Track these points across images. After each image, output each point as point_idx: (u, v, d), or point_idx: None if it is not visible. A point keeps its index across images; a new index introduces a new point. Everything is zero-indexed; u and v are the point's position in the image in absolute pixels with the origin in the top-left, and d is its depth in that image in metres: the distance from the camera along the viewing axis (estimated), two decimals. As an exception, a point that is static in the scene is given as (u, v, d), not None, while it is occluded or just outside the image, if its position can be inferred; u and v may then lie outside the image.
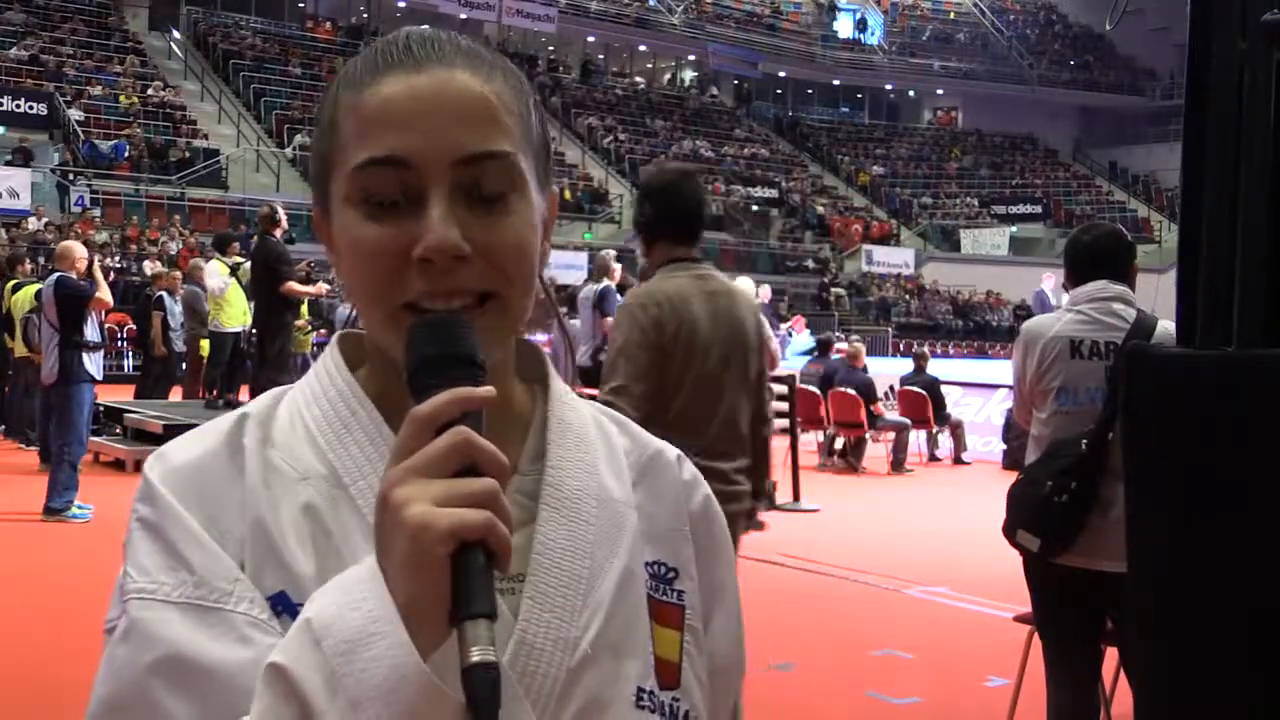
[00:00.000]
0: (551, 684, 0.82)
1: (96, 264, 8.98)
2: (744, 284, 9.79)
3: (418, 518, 0.68)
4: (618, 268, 9.64)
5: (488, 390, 0.73)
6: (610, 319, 8.84)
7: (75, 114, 26.56)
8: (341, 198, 0.84)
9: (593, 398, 1.00)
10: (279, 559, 0.82)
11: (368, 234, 0.81)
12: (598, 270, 9.52)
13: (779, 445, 10.76)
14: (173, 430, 10.62)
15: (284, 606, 0.81)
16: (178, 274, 14.71)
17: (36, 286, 11.02)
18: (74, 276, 8.33)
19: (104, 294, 8.47)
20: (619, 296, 9.22)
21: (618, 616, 0.86)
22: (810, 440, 13.23)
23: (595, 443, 0.93)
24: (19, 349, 11.43)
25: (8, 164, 24.06)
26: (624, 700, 0.85)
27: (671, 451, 0.99)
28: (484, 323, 0.81)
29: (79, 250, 8.69)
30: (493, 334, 0.83)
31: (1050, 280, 20.15)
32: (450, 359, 0.75)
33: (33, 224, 22.05)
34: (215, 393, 12.20)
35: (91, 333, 8.31)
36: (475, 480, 0.70)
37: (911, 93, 46.60)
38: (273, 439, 0.87)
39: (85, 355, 8.23)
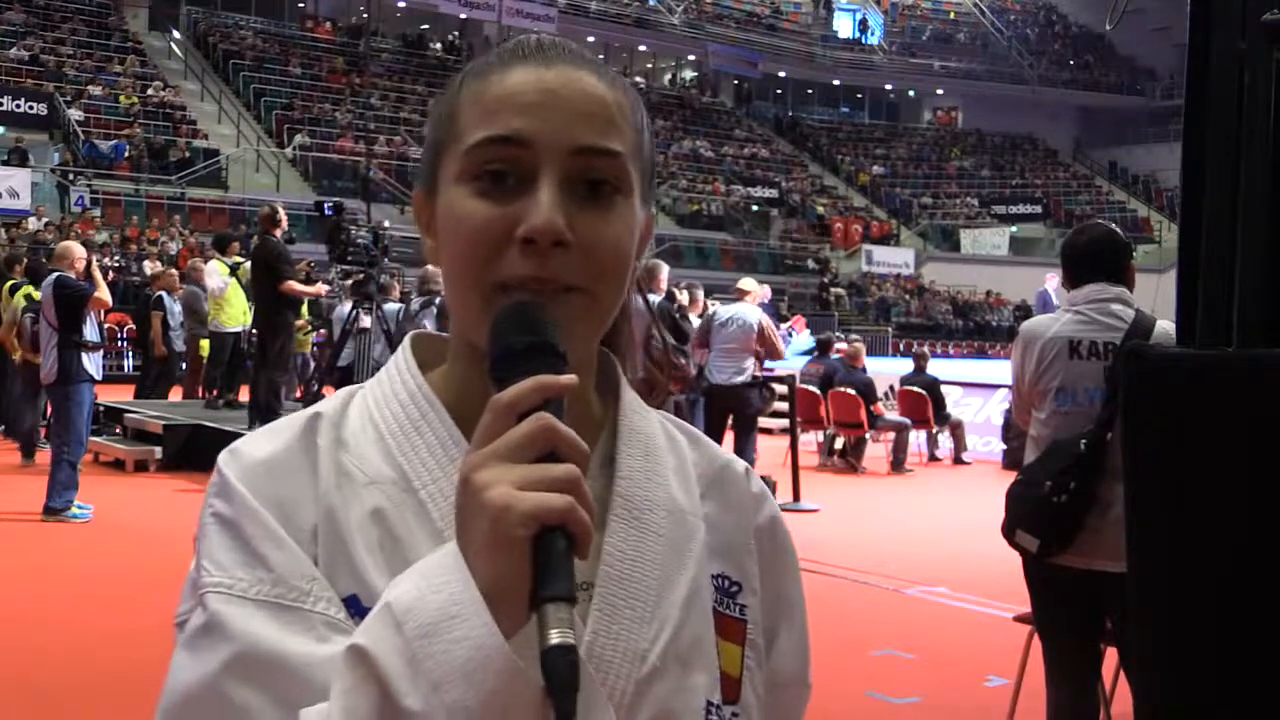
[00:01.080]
0: (620, 695, 0.81)
1: (95, 264, 8.97)
2: (747, 285, 9.82)
3: (500, 500, 0.69)
4: (665, 277, 9.62)
5: (570, 378, 0.73)
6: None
7: (75, 114, 26.56)
8: (453, 175, 0.85)
9: None
10: (350, 562, 0.82)
11: (474, 209, 0.82)
12: (645, 278, 9.52)
13: (779, 445, 10.78)
14: (172, 430, 10.62)
15: (355, 610, 0.80)
16: (174, 273, 14.72)
17: (28, 289, 11.03)
18: (73, 276, 8.33)
19: (103, 293, 8.46)
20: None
21: (686, 628, 0.85)
22: (810, 440, 13.23)
23: (664, 453, 0.92)
24: (19, 350, 11.43)
25: (6, 164, 24.05)
26: (694, 713, 0.84)
27: (740, 464, 0.99)
28: (568, 313, 0.81)
29: (78, 250, 8.68)
30: (576, 327, 0.82)
31: (1053, 281, 20.08)
32: (533, 347, 0.76)
33: (33, 224, 22.05)
34: (215, 393, 12.20)
35: (91, 332, 8.31)
36: (556, 465, 0.70)
37: (911, 93, 46.60)
38: (344, 441, 0.87)
39: (84, 355, 8.23)
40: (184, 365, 14.26)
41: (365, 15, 35.49)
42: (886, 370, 15.78)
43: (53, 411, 8.63)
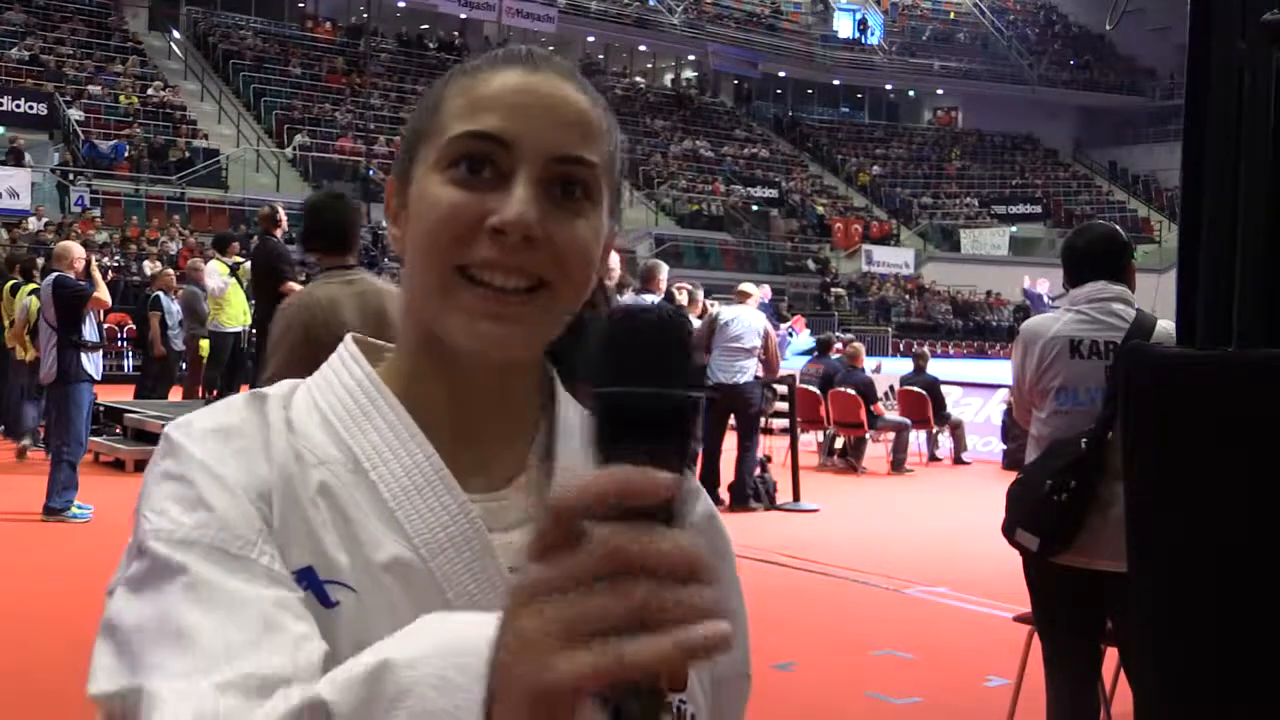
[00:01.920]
0: None
1: (94, 264, 8.97)
2: (748, 288, 9.83)
3: (540, 655, 0.52)
4: (616, 268, 9.63)
5: (669, 479, 0.53)
6: None
7: (75, 114, 26.56)
8: (429, 163, 0.86)
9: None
10: (309, 531, 0.81)
11: (447, 195, 0.84)
12: (646, 275, 9.56)
13: (780, 445, 10.78)
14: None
15: (309, 582, 0.79)
16: (171, 274, 14.72)
17: (30, 288, 11.06)
18: (72, 276, 8.32)
19: (102, 294, 8.46)
20: (618, 296, 9.24)
21: None
22: (810, 440, 13.23)
23: None
24: (30, 350, 11.44)
25: (6, 164, 24.05)
26: None
27: None
28: (532, 310, 0.83)
29: (76, 250, 8.68)
30: (536, 325, 0.84)
31: (1044, 284, 20.25)
32: (661, 411, 0.55)
33: (33, 224, 22.05)
34: (215, 393, 12.19)
35: (90, 332, 8.31)
36: (624, 593, 0.51)
37: (911, 93, 46.60)
38: (291, 422, 0.87)
39: (84, 355, 8.23)
40: (184, 365, 14.26)
41: (365, 15, 35.48)
42: (886, 370, 15.77)
43: (52, 411, 8.62)
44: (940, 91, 46.07)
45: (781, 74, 43.78)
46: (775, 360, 9.64)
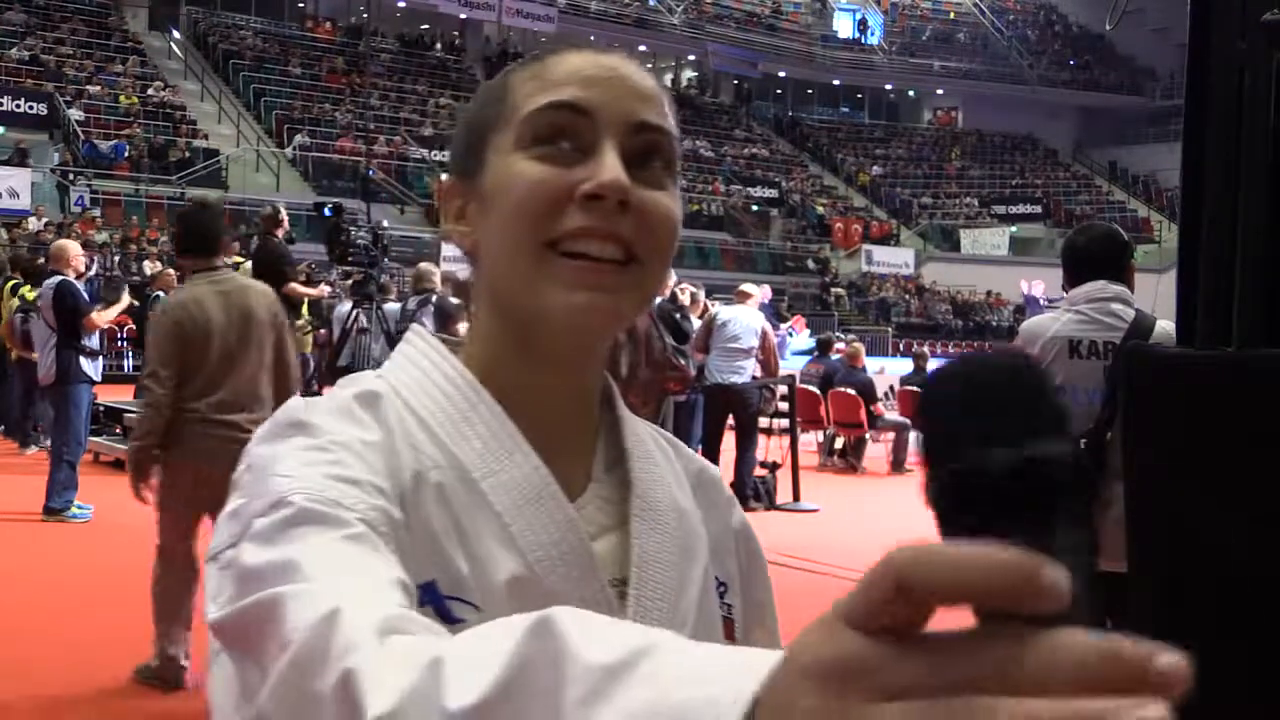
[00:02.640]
0: None
1: (122, 306, 8.99)
2: (749, 288, 9.83)
3: None
4: (672, 282, 9.63)
5: (1057, 580, 0.37)
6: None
7: (75, 114, 26.56)
8: (508, 144, 0.84)
9: None
10: (433, 541, 0.78)
11: (531, 170, 0.82)
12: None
13: (779, 445, 10.78)
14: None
15: (431, 597, 0.75)
16: (171, 274, 14.71)
17: (24, 289, 11.07)
18: (73, 279, 8.33)
19: (101, 316, 8.43)
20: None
21: (700, 626, 0.87)
22: (810, 440, 13.23)
23: (658, 456, 0.93)
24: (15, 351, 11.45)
25: (6, 164, 24.05)
26: None
27: (713, 469, 1.01)
28: (626, 282, 0.81)
29: (73, 249, 8.67)
30: (629, 299, 0.82)
31: (1039, 285, 20.46)
32: (1055, 478, 0.41)
33: (33, 224, 22.05)
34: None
35: (89, 339, 8.35)
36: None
37: (911, 93, 46.60)
38: (390, 424, 0.82)
39: (83, 356, 8.25)
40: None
41: (365, 15, 35.48)
42: (886, 370, 15.77)
43: (51, 412, 8.62)
44: (940, 91, 46.07)
45: (781, 74, 43.78)
46: (774, 359, 9.64)
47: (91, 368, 8.39)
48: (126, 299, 10.20)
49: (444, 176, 0.94)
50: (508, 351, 0.86)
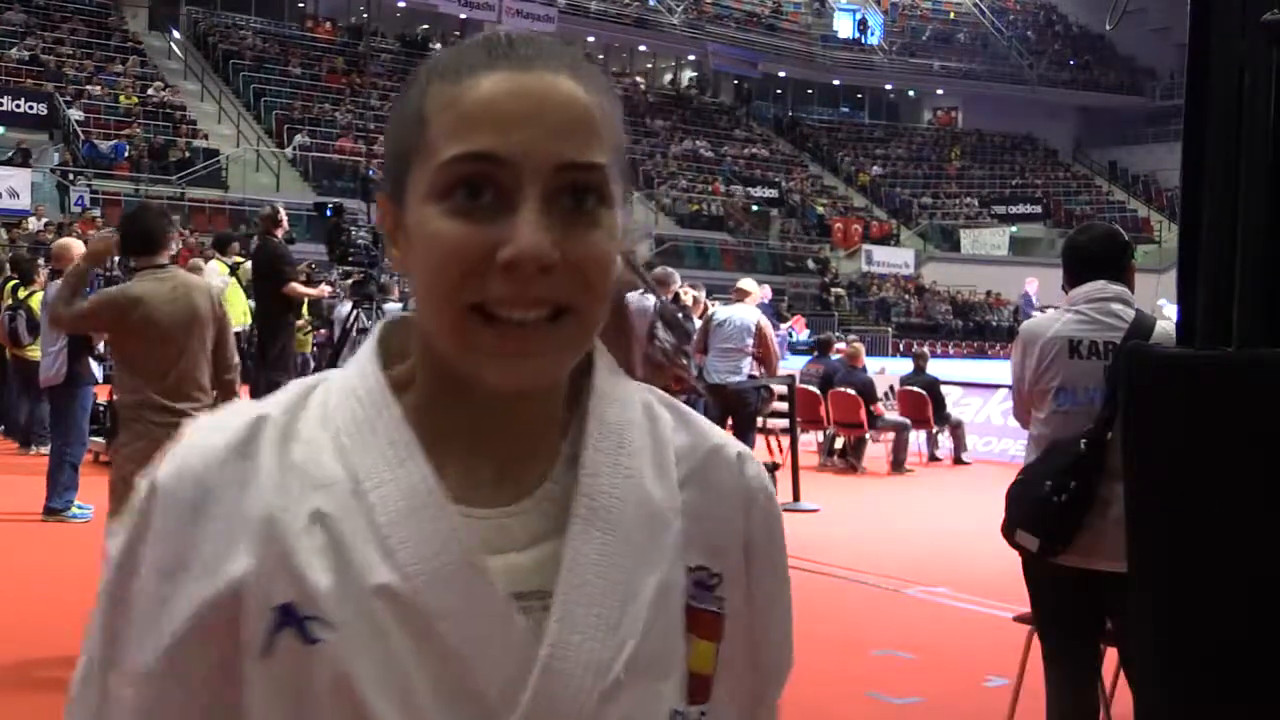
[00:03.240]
0: (580, 709, 0.78)
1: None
2: (747, 285, 9.83)
3: None
4: (676, 284, 9.62)
5: None
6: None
7: (75, 114, 26.56)
8: (423, 191, 0.79)
9: None
10: (291, 567, 0.79)
11: (450, 230, 0.77)
12: (657, 284, 9.53)
13: (779, 445, 10.77)
14: (173, 430, 10.61)
15: (289, 619, 0.78)
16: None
17: (23, 290, 11.10)
18: None
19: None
20: (628, 296, 9.20)
21: (654, 634, 0.82)
22: (810, 440, 13.22)
23: (638, 441, 0.87)
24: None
25: (8, 164, 24.05)
26: None
27: (734, 448, 0.92)
28: (559, 339, 0.78)
29: (76, 248, 8.66)
30: (567, 351, 0.80)
31: (1034, 284, 20.80)
32: None
33: (33, 224, 22.05)
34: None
35: (99, 341, 8.39)
36: None
37: (911, 93, 46.59)
38: (298, 434, 0.83)
39: (90, 358, 8.29)
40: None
41: (365, 15, 35.48)
42: (886, 370, 15.78)
43: (54, 412, 8.62)
44: (940, 91, 46.06)
45: (781, 74, 43.77)
46: (771, 354, 9.59)
47: (97, 369, 8.43)
48: None
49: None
50: (444, 383, 0.83)
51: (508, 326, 0.77)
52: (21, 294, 10.38)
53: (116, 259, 8.01)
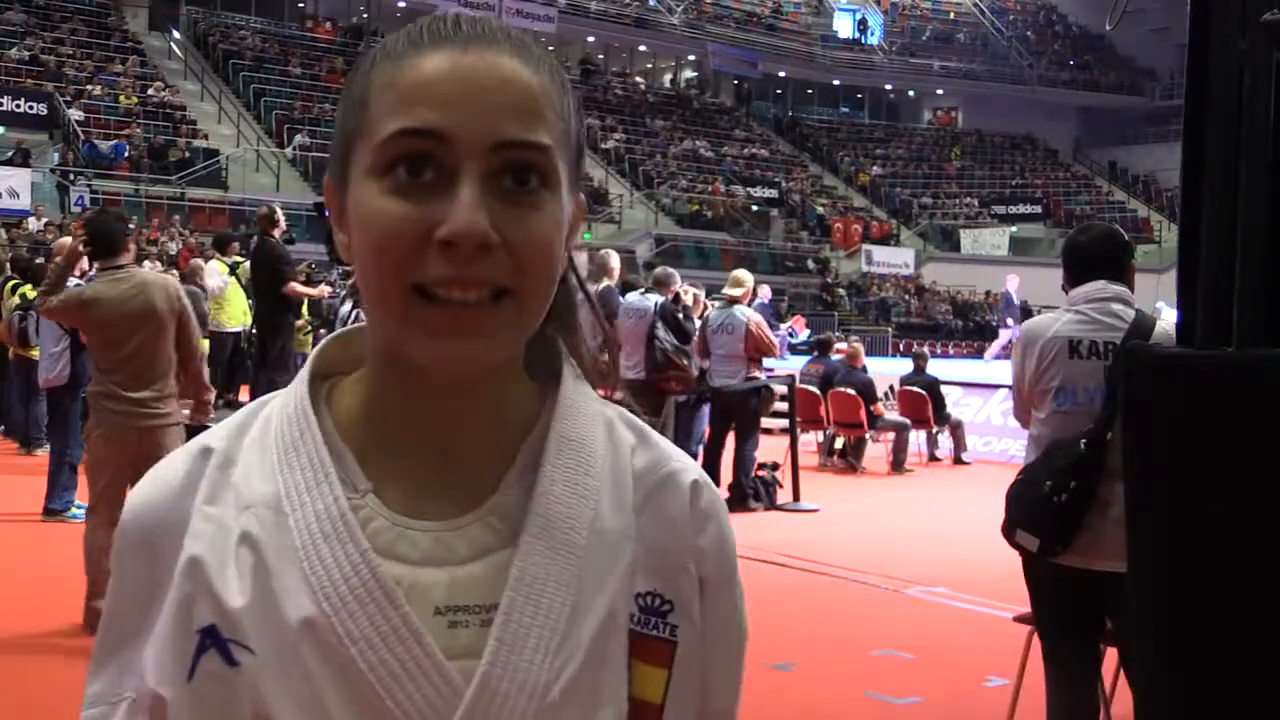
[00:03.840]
0: None
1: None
2: (740, 278, 9.83)
3: None
4: (617, 267, 9.63)
5: None
6: (617, 319, 8.86)
7: (75, 114, 26.56)
8: (364, 169, 0.79)
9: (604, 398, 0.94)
10: (212, 591, 0.80)
11: (388, 209, 0.76)
12: (597, 270, 9.52)
13: (779, 445, 10.78)
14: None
15: (213, 641, 0.79)
16: (175, 274, 14.71)
17: (25, 288, 11.10)
18: (79, 280, 8.33)
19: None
20: (621, 296, 9.22)
21: (597, 659, 0.80)
22: (810, 440, 13.22)
23: (599, 460, 0.85)
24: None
25: (9, 164, 24.05)
26: None
27: (690, 474, 0.89)
28: (497, 320, 0.77)
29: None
30: (503, 334, 0.78)
31: (1014, 280, 21.53)
32: None
33: (33, 224, 22.05)
34: (215, 392, 12.18)
35: None
36: None
37: (911, 93, 46.59)
38: (239, 454, 0.85)
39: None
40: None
41: (365, 15, 35.47)
42: (886, 370, 15.78)
43: (54, 412, 8.62)
44: (940, 91, 46.06)
45: (781, 74, 43.77)
46: (763, 345, 9.54)
47: None
48: None
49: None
50: (390, 370, 0.83)
51: (446, 305, 0.76)
52: (31, 294, 10.39)
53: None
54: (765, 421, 10.41)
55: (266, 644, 0.78)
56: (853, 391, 12.45)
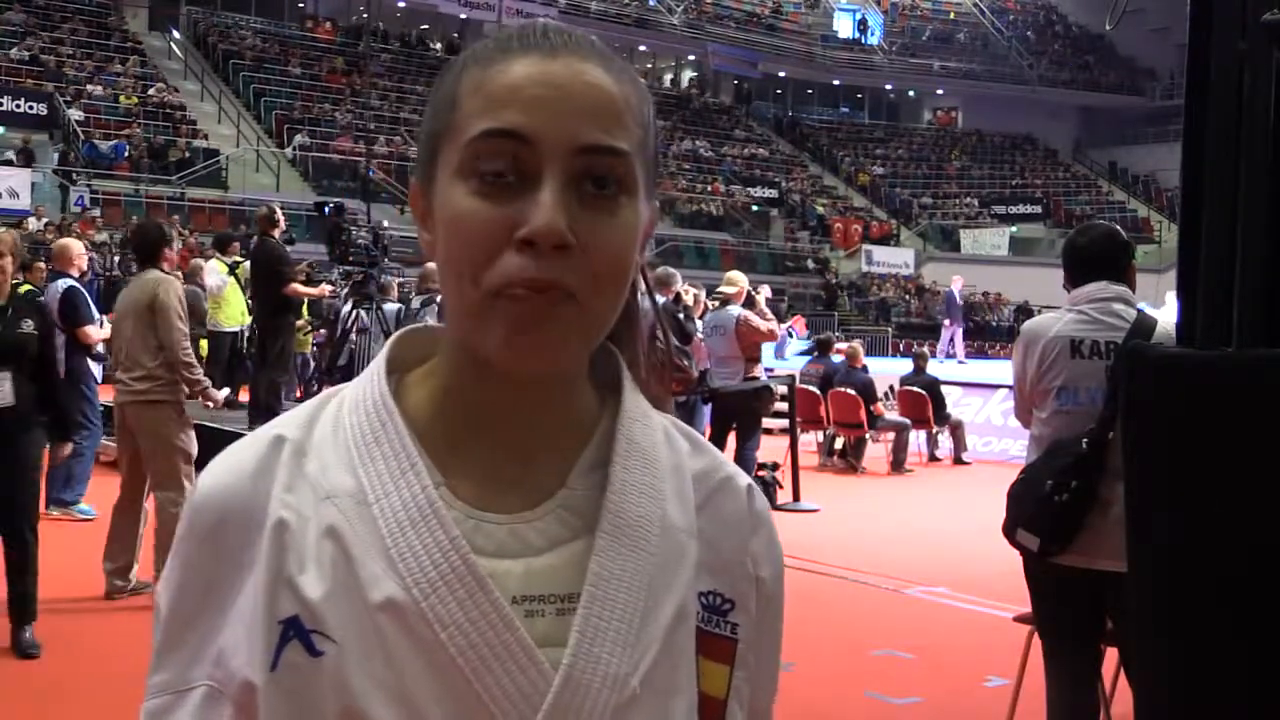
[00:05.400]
0: None
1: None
2: (734, 279, 9.84)
3: None
4: (678, 286, 9.62)
5: None
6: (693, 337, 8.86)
7: (75, 114, 26.55)
8: (452, 170, 0.81)
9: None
10: (293, 582, 0.81)
11: (473, 208, 0.79)
12: (657, 284, 9.54)
13: (779, 445, 10.77)
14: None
15: (296, 632, 0.80)
16: (178, 273, 14.70)
17: (24, 287, 11.08)
18: (75, 275, 8.35)
19: (95, 333, 8.20)
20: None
21: (669, 654, 0.83)
22: (810, 440, 13.22)
23: (664, 464, 0.89)
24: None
25: (8, 164, 24.04)
26: None
27: (743, 479, 0.94)
28: (562, 325, 0.79)
29: (76, 248, 8.67)
30: (568, 339, 0.80)
31: (959, 282, 22.67)
32: None
33: (33, 224, 22.04)
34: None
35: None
36: None
37: (911, 93, 46.59)
38: (311, 448, 0.86)
39: (90, 359, 8.32)
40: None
41: (365, 15, 35.47)
42: (886, 370, 15.78)
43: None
44: (940, 91, 46.06)
45: (781, 74, 43.77)
46: (755, 338, 9.54)
47: (97, 368, 8.46)
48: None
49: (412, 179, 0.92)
50: (467, 366, 0.85)
51: (521, 301, 0.78)
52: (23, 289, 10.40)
53: (117, 260, 9.04)
54: (765, 421, 10.40)
55: (350, 633, 0.79)
56: (853, 391, 12.45)
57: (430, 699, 0.78)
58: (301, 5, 37.69)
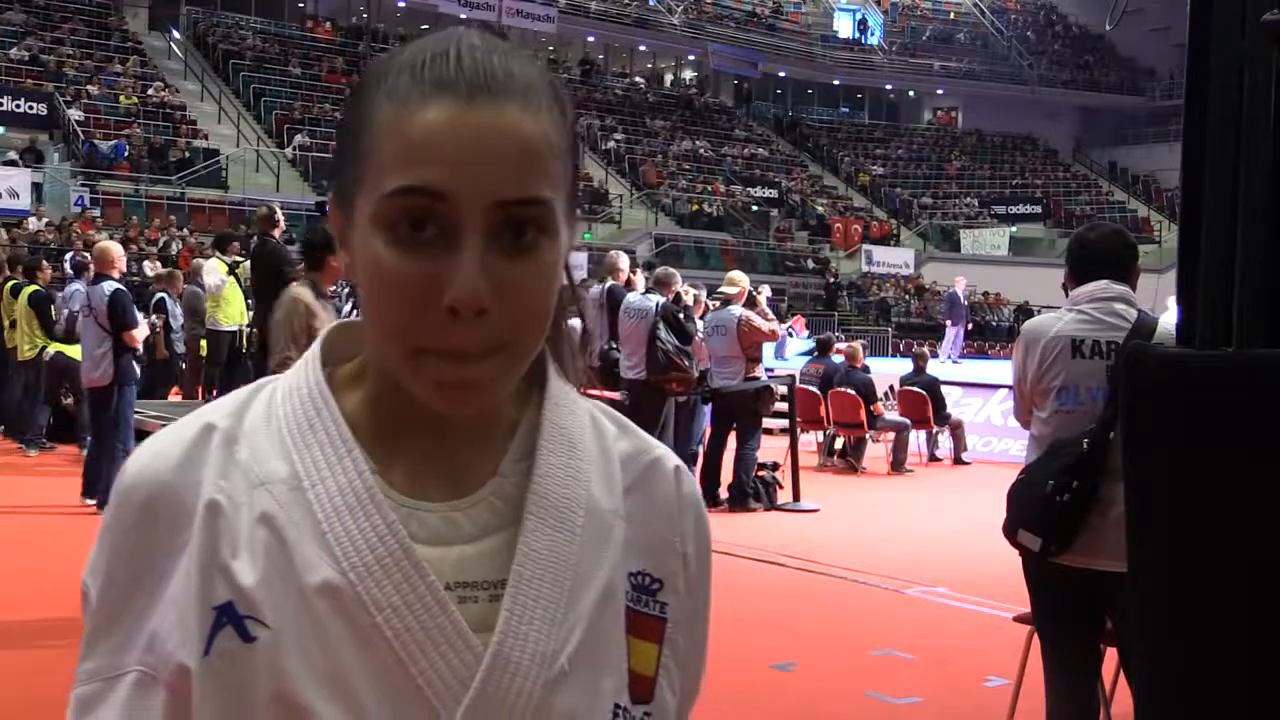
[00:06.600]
0: (527, 700, 0.81)
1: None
2: (735, 279, 9.85)
3: None
4: (625, 268, 9.63)
5: None
6: (620, 317, 8.87)
7: (75, 114, 26.55)
8: (368, 216, 0.80)
9: (598, 396, 0.99)
10: (226, 568, 0.81)
11: (394, 266, 0.79)
12: (605, 270, 9.56)
13: (779, 445, 10.78)
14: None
15: (229, 618, 0.80)
16: (179, 274, 14.70)
17: (30, 289, 11.21)
18: (116, 277, 8.60)
19: (138, 333, 8.68)
20: (630, 296, 9.22)
21: (597, 631, 0.85)
22: (810, 440, 13.22)
23: (589, 448, 0.90)
24: (22, 349, 11.47)
25: (11, 164, 24.03)
26: (602, 715, 0.84)
27: (671, 461, 0.96)
28: (492, 371, 0.80)
29: (116, 250, 8.93)
30: (499, 384, 0.82)
31: (961, 283, 22.76)
32: None
33: (33, 224, 22.04)
34: (215, 392, 12.18)
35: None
36: None
37: (911, 93, 46.59)
38: (242, 434, 0.86)
39: (133, 360, 8.60)
40: (183, 365, 14.26)
41: (365, 15, 35.46)
42: (885, 370, 15.78)
43: (99, 411, 8.69)
44: (940, 91, 46.05)
45: (781, 74, 43.77)
46: (755, 338, 9.55)
47: (136, 370, 8.81)
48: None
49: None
50: (384, 386, 0.86)
51: (447, 358, 0.79)
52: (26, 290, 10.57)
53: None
54: (765, 421, 10.40)
55: (285, 618, 0.80)
56: (853, 391, 12.45)
57: (364, 682, 0.79)
58: (301, 5, 37.68)
